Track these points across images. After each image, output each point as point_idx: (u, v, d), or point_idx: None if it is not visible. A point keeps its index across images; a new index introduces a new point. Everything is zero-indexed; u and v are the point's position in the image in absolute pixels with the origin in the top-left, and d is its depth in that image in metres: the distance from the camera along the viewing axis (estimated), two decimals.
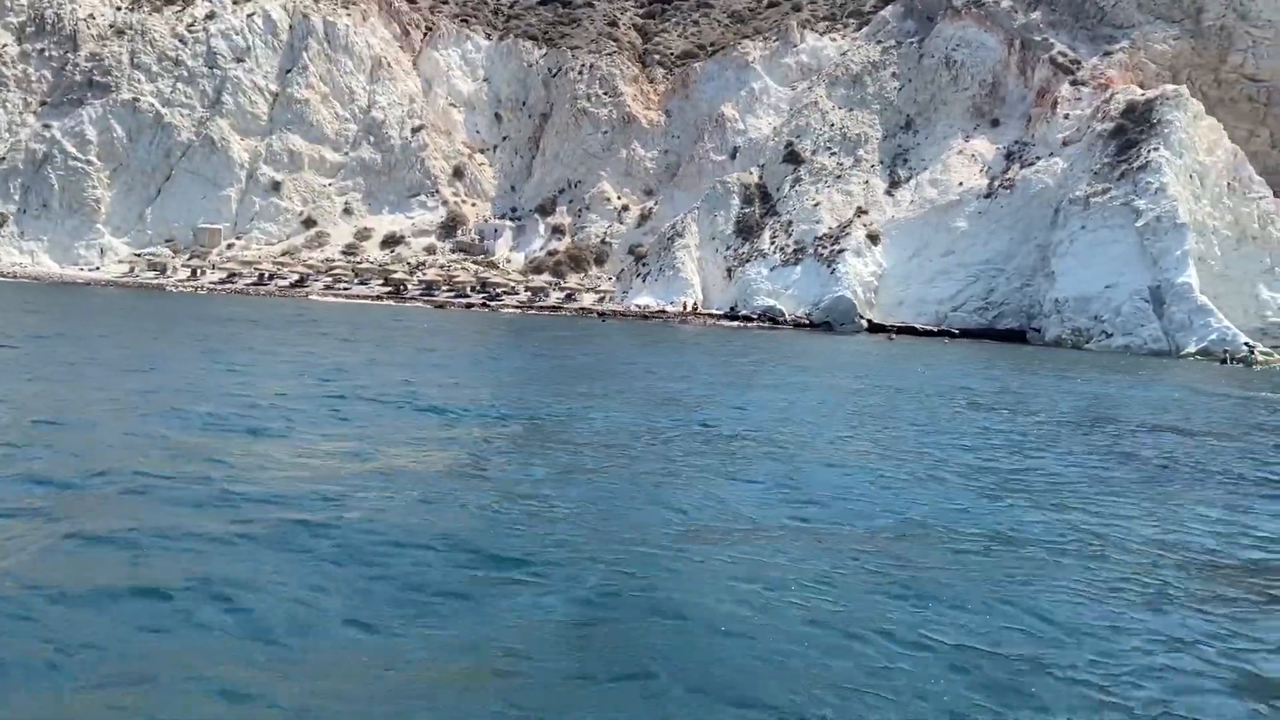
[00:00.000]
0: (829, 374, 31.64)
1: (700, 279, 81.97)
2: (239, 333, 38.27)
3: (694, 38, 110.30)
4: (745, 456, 14.33)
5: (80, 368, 21.25)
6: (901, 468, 14.05)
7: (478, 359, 29.35)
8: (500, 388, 21.59)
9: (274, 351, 28.78)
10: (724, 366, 33.79)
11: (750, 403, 21.32)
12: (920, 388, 28.74)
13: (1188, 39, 76.96)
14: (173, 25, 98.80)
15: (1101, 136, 67.04)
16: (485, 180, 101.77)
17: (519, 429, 15.94)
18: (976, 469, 14.80)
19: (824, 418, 19.65)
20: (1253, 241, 62.26)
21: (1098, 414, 23.74)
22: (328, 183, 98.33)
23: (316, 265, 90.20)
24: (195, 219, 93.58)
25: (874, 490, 12.30)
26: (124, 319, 43.51)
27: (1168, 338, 56.74)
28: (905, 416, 20.81)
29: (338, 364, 24.82)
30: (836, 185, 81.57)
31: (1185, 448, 18.59)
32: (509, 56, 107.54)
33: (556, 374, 23.71)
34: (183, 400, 16.88)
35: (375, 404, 17.89)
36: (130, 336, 33.94)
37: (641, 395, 21.42)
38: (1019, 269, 70.88)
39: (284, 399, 18.15)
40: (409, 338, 41.70)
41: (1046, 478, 14.33)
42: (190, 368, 23.04)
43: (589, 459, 13.63)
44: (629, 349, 40.28)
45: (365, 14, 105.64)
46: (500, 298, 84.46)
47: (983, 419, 21.35)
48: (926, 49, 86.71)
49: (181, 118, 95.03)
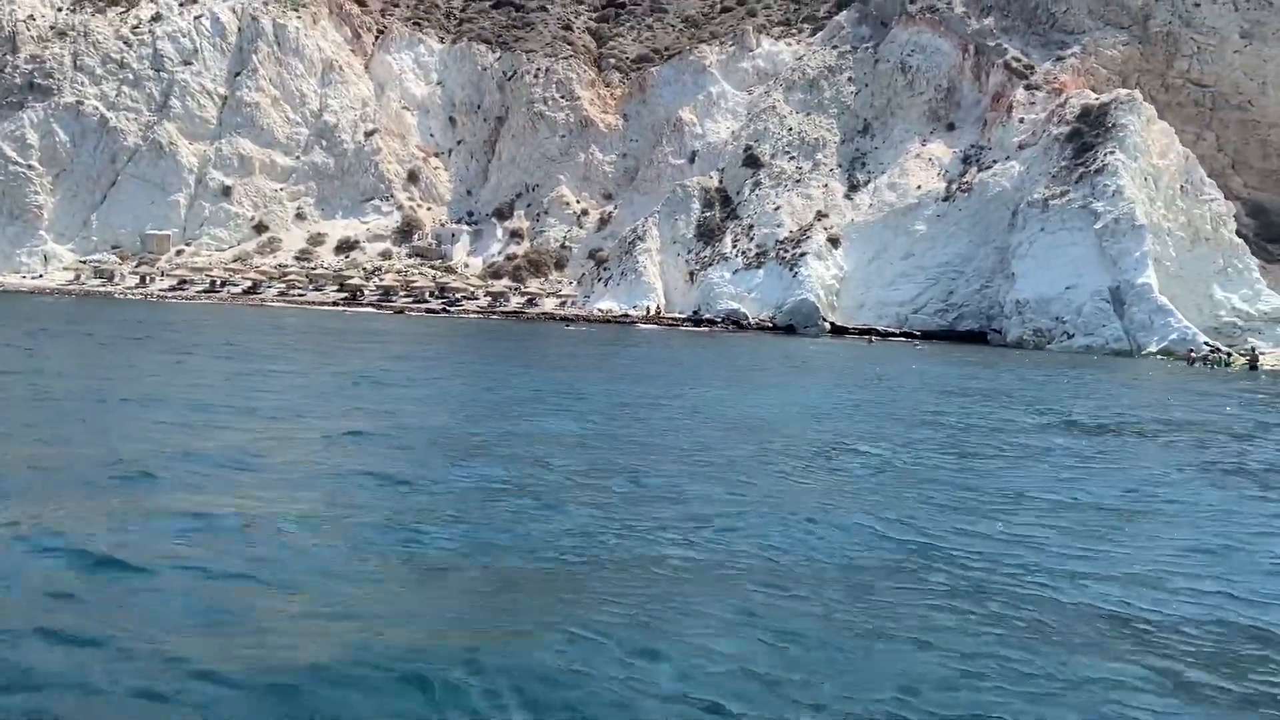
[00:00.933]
0: (839, 387, 30.91)
1: (662, 283, 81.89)
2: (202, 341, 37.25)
3: (648, 42, 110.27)
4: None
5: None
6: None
7: (448, 379, 28.34)
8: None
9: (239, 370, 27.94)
10: (713, 375, 33.47)
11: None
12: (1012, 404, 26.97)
13: (1136, 45, 78.67)
14: (117, 27, 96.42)
15: (1058, 140, 68.20)
16: (441, 184, 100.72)
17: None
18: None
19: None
20: (1205, 243, 63.72)
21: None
22: (279, 187, 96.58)
23: (269, 271, 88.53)
24: (143, 225, 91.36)
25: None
26: (63, 328, 42.16)
27: (1129, 337, 57.80)
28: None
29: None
30: (796, 189, 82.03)
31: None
32: (463, 60, 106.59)
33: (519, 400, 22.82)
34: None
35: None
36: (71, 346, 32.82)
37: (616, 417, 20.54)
38: (978, 271, 71.80)
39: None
40: (366, 348, 40.86)
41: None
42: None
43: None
44: (609, 359, 39.86)
45: (315, 17, 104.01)
46: (460, 303, 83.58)
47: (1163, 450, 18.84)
48: (882, 54, 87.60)
49: (127, 121, 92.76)
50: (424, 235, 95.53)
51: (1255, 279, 62.47)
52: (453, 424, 17.45)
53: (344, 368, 28.27)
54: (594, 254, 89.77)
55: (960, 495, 12.40)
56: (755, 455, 15.14)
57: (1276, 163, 77.72)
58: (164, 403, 17.75)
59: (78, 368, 25.18)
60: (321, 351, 35.90)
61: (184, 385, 21.28)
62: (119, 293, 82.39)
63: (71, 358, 27.86)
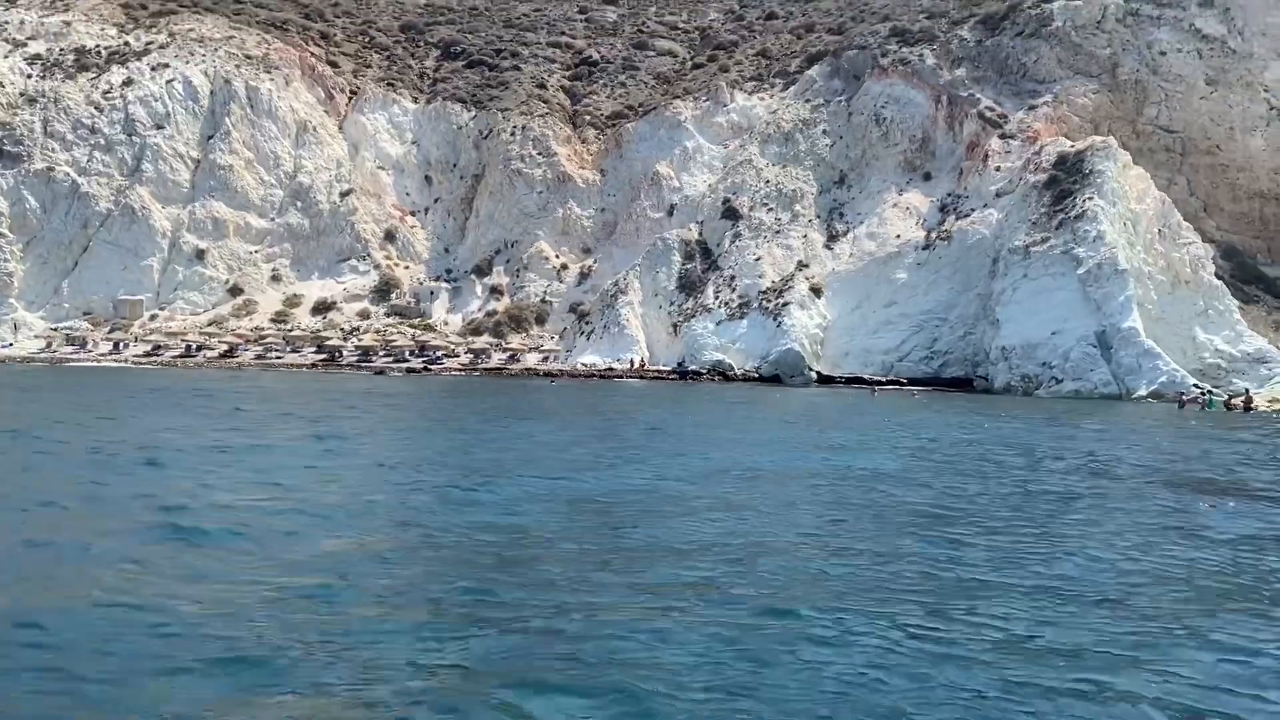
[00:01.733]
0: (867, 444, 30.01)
1: (645, 335, 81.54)
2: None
3: (622, 99, 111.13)
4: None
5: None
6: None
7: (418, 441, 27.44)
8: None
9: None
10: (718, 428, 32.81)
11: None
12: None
13: (1106, 93, 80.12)
14: (88, 93, 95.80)
15: (1036, 187, 68.91)
16: (418, 243, 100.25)
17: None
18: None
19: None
20: (1185, 286, 64.30)
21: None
22: (254, 249, 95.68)
23: (245, 334, 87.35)
24: (115, 291, 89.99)
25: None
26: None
27: (1118, 381, 57.93)
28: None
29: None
30: (776, 240, 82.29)
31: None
32: (438, 119, 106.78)
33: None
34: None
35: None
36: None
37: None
38: (961, 318, 72.05)
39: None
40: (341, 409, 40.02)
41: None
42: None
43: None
44: (602, 417, 39.24)
45: (288, 79, 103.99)
46: (440, 360, 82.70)
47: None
48: (855, 106, 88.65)
49: (99, 187, 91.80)
50: (402, 294, 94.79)
51: (1236, 320, 62.99)
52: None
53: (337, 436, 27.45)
54: (575, 308, 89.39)
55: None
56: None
57: (1247, 205, 79.07)
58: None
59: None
60: (313, 418, 35.00)
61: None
62: (92, 360, 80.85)
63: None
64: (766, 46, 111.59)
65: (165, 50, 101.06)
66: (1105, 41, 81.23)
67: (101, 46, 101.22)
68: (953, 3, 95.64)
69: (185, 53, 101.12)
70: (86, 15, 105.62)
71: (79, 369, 72.99)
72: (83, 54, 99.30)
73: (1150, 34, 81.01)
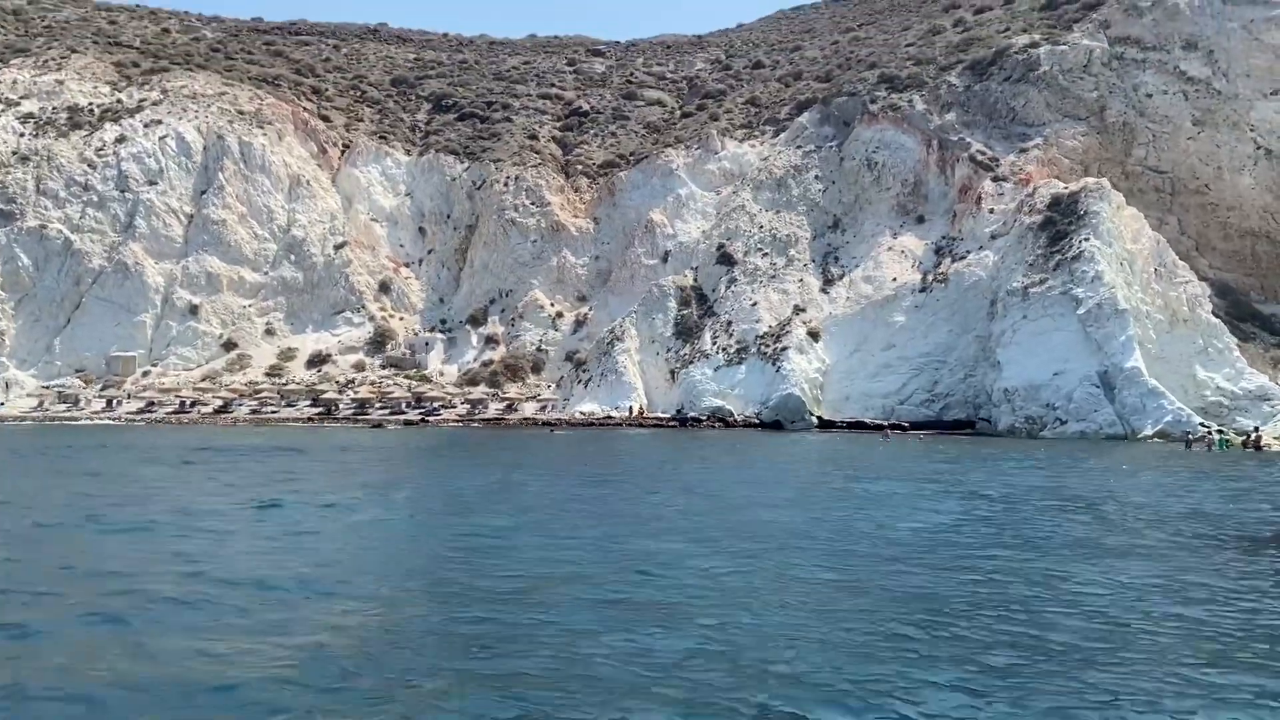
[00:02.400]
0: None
1: (643, 382, 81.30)
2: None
3: (613, 148, 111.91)
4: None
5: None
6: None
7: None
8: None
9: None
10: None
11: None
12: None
13: (1095, 135, 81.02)
14: (81, 150, 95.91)
15: (1031, 229, 69.29)
16: (412, 294, 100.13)
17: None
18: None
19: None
20: (1184, 324, 64.47)
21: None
22: (248, 304, 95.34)
23: (240, 389, 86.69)
24: (108, 347, 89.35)
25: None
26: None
27: (1122, 422, 57.79)
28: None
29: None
30: (772, 285, 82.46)
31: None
32: (430, 171, 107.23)
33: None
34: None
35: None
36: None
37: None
38: (961, 360, 72.02)
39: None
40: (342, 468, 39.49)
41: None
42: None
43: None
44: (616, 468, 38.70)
45: (281, 133, 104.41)
46: (438, 412, 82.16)
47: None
48: (846, 152, 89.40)
49: (92, 243, 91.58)
50: (397, 345, 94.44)
51: (1236, 358, 63.10)
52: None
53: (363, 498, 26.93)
54: (571, 356, 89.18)
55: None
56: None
57: (1239, 243, 79.73)
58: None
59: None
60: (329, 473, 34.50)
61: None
62: (85, 418, 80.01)
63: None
64: (755, 95, 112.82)
65: (158, 107, 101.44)
66: (1092, 85, 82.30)
67: (94, 104, 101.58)
68: (938, 49, 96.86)
69: (178, 109, 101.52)
70: (79, 74, 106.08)
71: (73, 428, 72.09)
72: (76, 112, 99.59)
73: (1136, 77, 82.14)
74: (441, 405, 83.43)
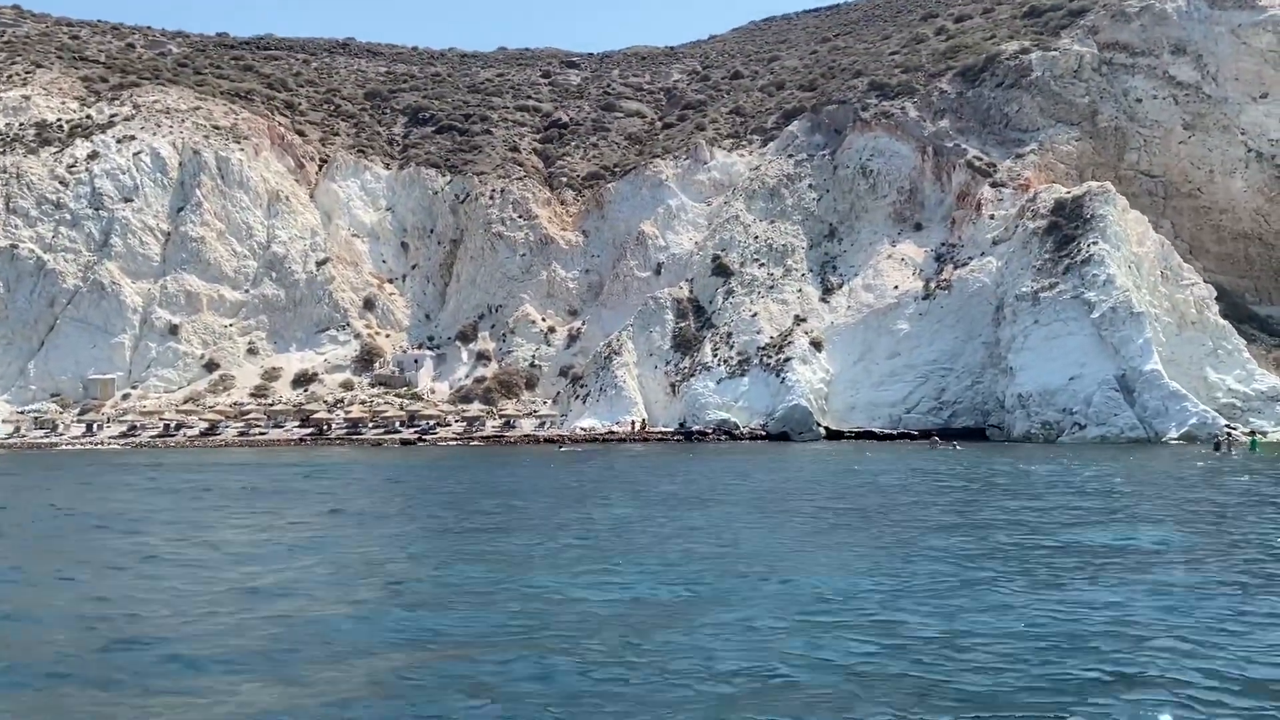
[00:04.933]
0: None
1: (643, 396, 80.00)
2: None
3: (596, 159, 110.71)
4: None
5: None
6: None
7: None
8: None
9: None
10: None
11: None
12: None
13: (1088, 140, 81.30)
14: (51, 167, 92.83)
15: (1036, 234, 69.11)
16: (398, 310, 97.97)
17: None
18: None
19: None
20: (1192, 326, 64.56)
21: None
22: (229, 323, 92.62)
23: (226, 411, 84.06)
24: (85, 370, 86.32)
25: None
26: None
27: (1144, 425, 57.49)
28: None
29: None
30: (770, 295, 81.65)
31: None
32: (412, 185, 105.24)
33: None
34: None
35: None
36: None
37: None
38: (967, 367, 71.61)
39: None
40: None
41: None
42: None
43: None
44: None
45: (258, 148, 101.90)
46: (434, 430, 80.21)
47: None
48: (839, 160, 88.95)
49: (65, 263, 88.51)
50: (385, 363, 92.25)
51: (1246, 359, 63.29)
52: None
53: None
54: (566, 371, 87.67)
55: None
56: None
57: (1232, 246, 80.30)
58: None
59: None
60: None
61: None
62: (64, 444, 77.05)
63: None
64: (740, 104, 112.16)
65: (131, 122, 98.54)
66: (1083, 90, 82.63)
67: (64, 120, 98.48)
68: (925, 57, 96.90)
69: (151, 124, 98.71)
70: (46, 89, 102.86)
71: (59, 453, 69.21)
72: (44, 128, 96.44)
73: (1125, 81, 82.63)
74: (437, 424, 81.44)
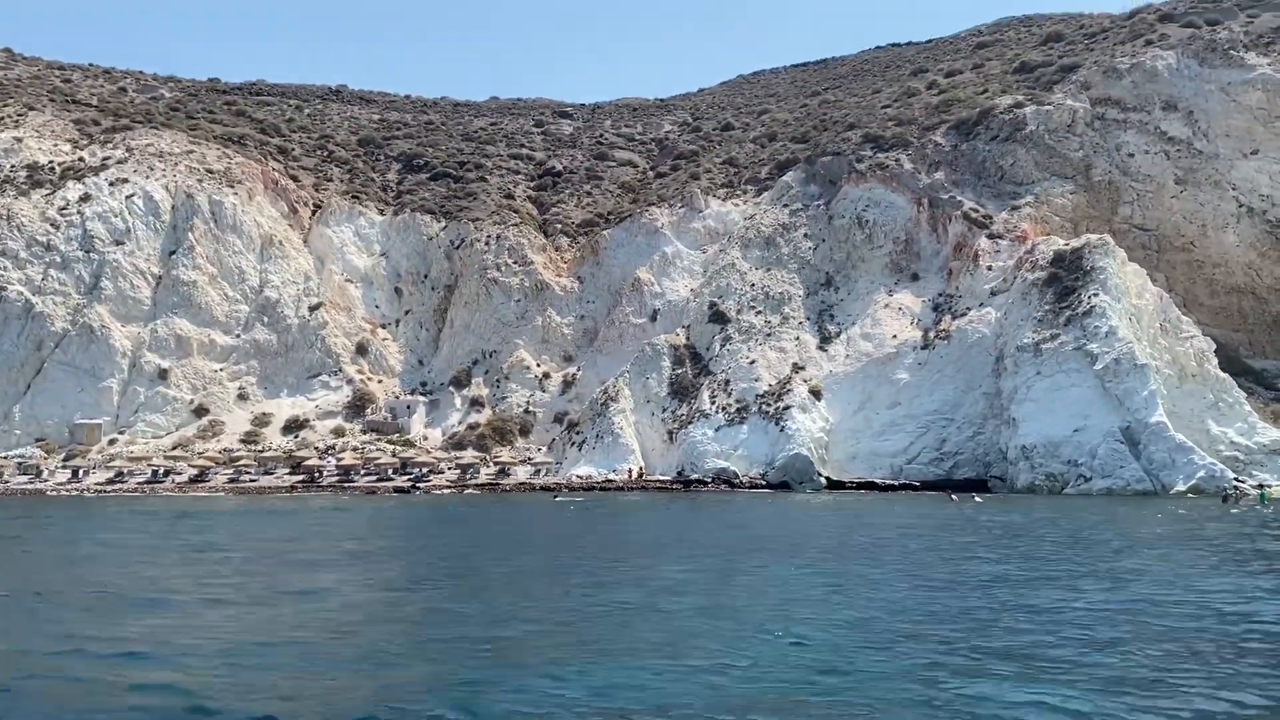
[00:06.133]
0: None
1: (639, 444, 79.27)
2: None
3: (590, 207, 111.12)
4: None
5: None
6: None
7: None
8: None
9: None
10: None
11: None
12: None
13: (1082, 193, 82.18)
14: (43, 209, 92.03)
15: (1036, 285, 69.41)
16: (391, 356, 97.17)
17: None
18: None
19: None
20: (1192, 379, 64.74)
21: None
22: (219, 367, 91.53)
23: (215, 457, 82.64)
24: (71, 414, 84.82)
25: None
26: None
27: (1151, 478, 57.29)
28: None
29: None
30: (768, 343, 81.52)
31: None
32: (406, 230, 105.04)
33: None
34: None
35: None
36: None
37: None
38: (968, 417, 71.39)
39: None
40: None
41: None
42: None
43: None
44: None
45: (251, 192, 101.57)
46: (428, 478, 79.06)
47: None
48: (835, 210, 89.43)
49: (54, 306, 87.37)
50: (378, 409, 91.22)
51: (1247, 412, 63.39)
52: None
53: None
54: (561, 417, 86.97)
55: None
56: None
57: (1225, 300, 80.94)
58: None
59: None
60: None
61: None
62: (50, 490, 75.38)
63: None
64: (733, 155, 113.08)
65: (124, 165, 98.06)
66: (1078, 144, 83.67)
67: (55, 162, 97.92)
68: (918, 110, 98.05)
69: (144, 167, 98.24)
70: (38, 131, 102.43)
71: (42, 501, 67.66)
72: (36, 170, 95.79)
73: (1118, 136, 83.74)
74: (430, 471, 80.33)
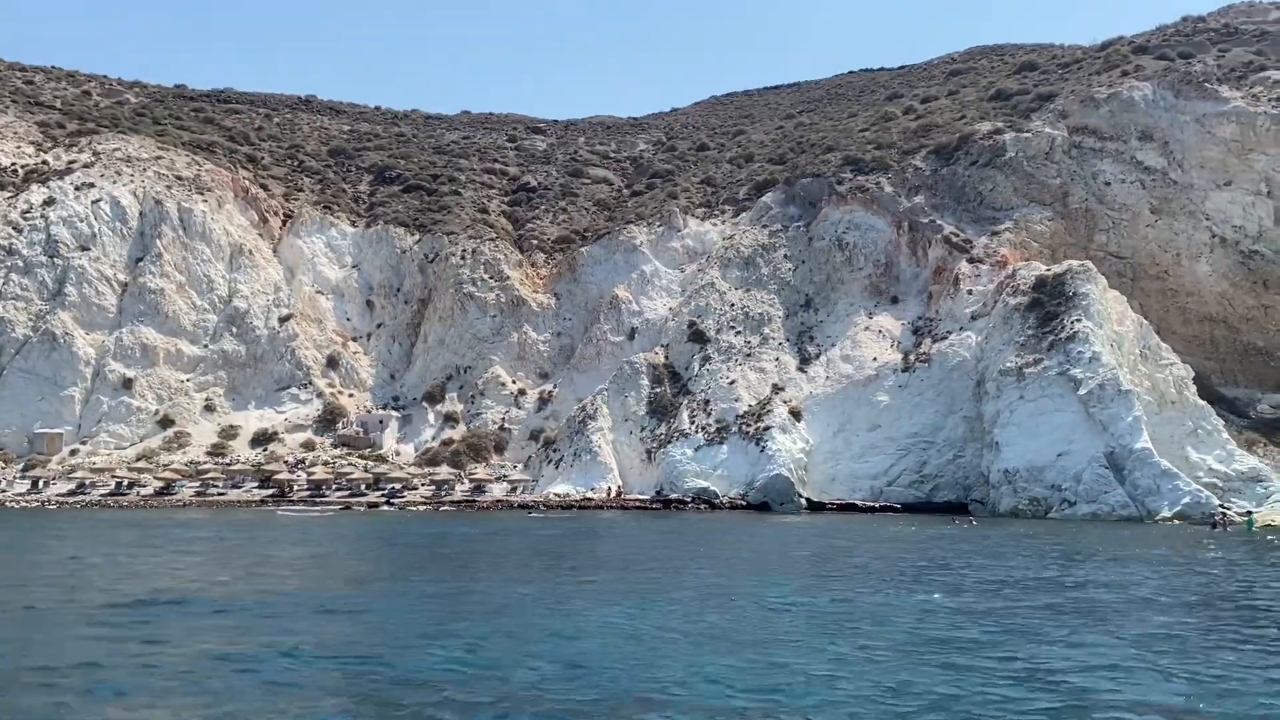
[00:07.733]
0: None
1: (617, 462, 78.45)
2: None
3: (565, 224, 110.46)
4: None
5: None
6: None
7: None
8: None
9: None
10: None
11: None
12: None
13: (1060, 220, 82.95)
14: (5, 212, 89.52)
15: (1018, 310, 69.73)
16: (362, 369, 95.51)
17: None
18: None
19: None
20: (1172, 406, 65.25)
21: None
22: (186, 378, 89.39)
23: (181, 469, 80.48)
24: (31, 423, 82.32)
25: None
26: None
27: (1135, 503, 57.48)
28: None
29: None
30: (748, 363, 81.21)
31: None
32: (379, 243, 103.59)
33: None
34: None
35: None
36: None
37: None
38: (949, 440, 71.45)
39: None
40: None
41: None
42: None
43: None
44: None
45: (221, 200, 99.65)
46: (401, 494, 77.54)
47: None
48: (815, 232, 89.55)
49: (16, 311, 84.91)
50: (349, 423, 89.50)
51: (1226, 439, 63.96)
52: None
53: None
54: (536, 435, 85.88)
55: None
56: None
57: (1198, 329, 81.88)
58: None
59: None
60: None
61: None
62: (8, 500, 72.87)
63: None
64: (710, 175, 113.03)
65: (90, 169, 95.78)
66: (1055, 171, 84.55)
67: (18, 165, 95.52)
68: (896, 135, 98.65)
69: (112, 172, 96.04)
70: (1, 133, 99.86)
71: (8, 510, 65.36)
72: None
73: (1094, 165, 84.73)
74: (404, 487, 78.82)
